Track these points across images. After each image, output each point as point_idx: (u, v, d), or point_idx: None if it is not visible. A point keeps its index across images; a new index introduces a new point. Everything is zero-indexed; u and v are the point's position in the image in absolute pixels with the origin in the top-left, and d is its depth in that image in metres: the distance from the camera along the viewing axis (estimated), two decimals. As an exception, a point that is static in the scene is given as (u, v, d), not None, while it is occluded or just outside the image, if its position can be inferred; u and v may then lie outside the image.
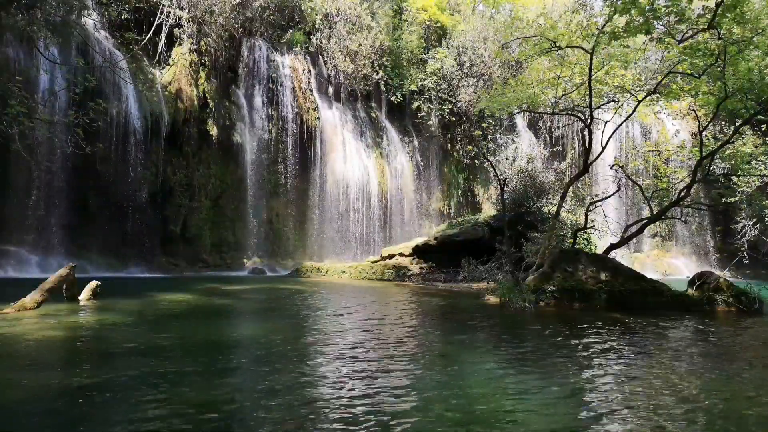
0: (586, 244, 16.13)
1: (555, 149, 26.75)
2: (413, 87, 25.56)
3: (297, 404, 3.86)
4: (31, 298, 7.99)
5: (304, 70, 23.26)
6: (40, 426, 3.42)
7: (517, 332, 7.67)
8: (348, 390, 4.21)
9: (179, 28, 20.10)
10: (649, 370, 5.11)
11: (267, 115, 21.92)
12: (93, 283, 9.41)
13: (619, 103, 13.64)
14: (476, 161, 25.91)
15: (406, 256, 17.84)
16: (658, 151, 25.16)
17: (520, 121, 27.88)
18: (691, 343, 6.87)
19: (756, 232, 19.90)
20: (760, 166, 17.30)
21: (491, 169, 15.13)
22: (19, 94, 12.44)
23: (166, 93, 19.33)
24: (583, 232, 14.28)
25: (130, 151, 17.97)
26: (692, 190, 13.40)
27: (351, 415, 3.60)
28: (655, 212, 13.29)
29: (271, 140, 21.85)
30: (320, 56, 24.20)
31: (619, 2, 10.16)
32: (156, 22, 19.32)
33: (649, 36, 11.76)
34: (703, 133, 12.88)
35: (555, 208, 13.54)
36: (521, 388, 4.40)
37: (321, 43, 24.04)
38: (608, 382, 4.73)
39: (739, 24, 10.04)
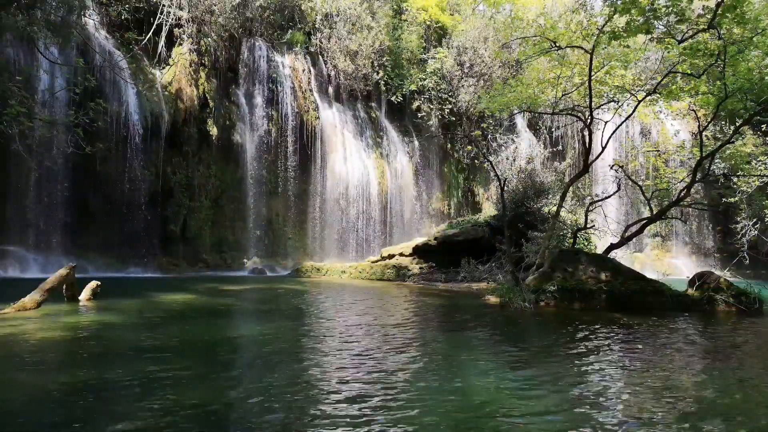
0: (586, 244, 16.13)
1: (555, 149, 26.74)
2: (413, 87, 25.53)
3: (297, 404, 3.86)
4: (31, 298, 7.99)
5: (304, 70, 23.25)
6: (40, 426, 3.42)
7: (517, 332, 7.68)
8: (348, 390, 4.21)
9: (179, 28, 20.08)
10: (649, 370, 5.11)
11: (267, 115, 21.91)
12: (93, 283, 9.41)
13: (619, 103, 13.63)
14: (476, 161, 25.88)
15: (406, 256, 17.84)
16: (658, 151, 25.16)
17: (520, 121, 27.87)
18: (692, 343, 6.87)
19: (756, 232, 19.89)
20: (760, 166, 17.30)
21: (491, 169, 15.13)
22: (19, 94, 12.44)
23: (166, 93, 19.32)
24: (583, 232, 14.28)
25: (130, 151, 17.96)
26: (692, 190, 13.40)
27: (351, 416, 3.60)
28: (655, 212, 13.29)
29: (271, 140, 21.83)
30: (320, 56, 24.19)
31: (619, 2, 10.17)
32: (156, 22, 19.31)
33: (649, 36, 11.76)
34: (703, 133, 12.88)
35: (555, 208, 13.54)
36: (521, 388, 4.40)
37: (321, 43, 24.03)
38: (608, 381, 4.73)
39: (739, 24, 10.03)
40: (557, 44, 12.00)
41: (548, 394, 4.25)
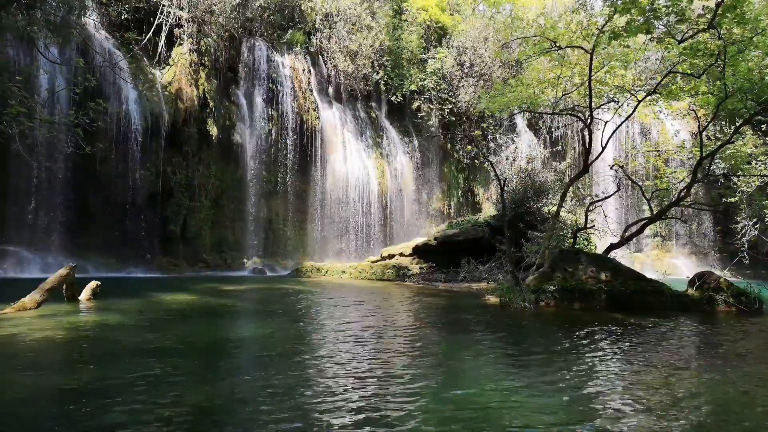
0: (586, 244, 16.13)
1: (555, 149, 26.76)
2: (413, 87, 25.54)
3: (297, 405, 3.86)
4: (31, 298, 7.99)
5: (304, 70, 23.25)
6: (40, 426, 3.42)
7: (517, 332, 7.67)
8: (348, 391, 4.21)
9: (179, 28, 20.09)
10: (648, 370, 5.11)
11: (267, 115, 21.92)
12: (93, 283, 9.41)
13: (619, 103, 13.63)
14: (476, 161, 25.91)
15: (406, 256, 17.84)
16: (658, 151, 25.16)
17: (520, 121, 27.88)
18: (691, 343, 6.87)
19: (756, 232, 19.88)
20: (760, 166, 17.30)
21: (491, 169, 15.13)
22: (19, 94, 12.43)
23: (166, 93, 19.32)
24: (583, 232, 14.27)
25: (130, 151, 17.97)
26: (692, 190, 13.39)
27: (351, 417, 3.60)
28: (655, 212, 13.29)
29: (271, 140, 21.85)
30: (320, 56, 24.20)
31: (619, 2, 10.16)
32: (156, 22, 19.32)
33: (650, 36, 11.75)
34: (703, 133, 12.87)
35: (555, 208, 13.54)
36: (521, 388, 4.40)
37: (321, 43, 24.04)
38: (608, 381, 4.73)
39: (739, 24, 10.03)
40: (557, 44, 11.99)
41: (549, 395, 4.24)
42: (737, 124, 12.11)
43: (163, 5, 19.40)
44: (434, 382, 4.55)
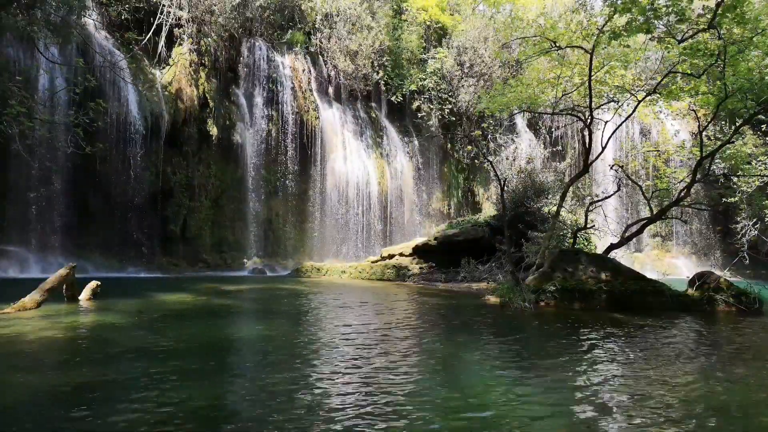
0: (586, 244, 16.13)
1: (555, 149, 26.75)
2: (413, 87, 25.53)
3: (296, 406, 3.86)
4: (31, 298, 7.99)
5: (304, 70, 23.25)
6: (40, 426, 3.42)
7: (517, 332, 7.67)
8: (348, 392, 4.21)
9: (179, 28, 20.09)
10: (649, 370, 5.11)
11: (267, 115, 21.92)
12: (93, 283, 9.41)
13: (619, 103, 13.63)
14: (476, 161, 25.89)
15: (406, 256, 17.84)
16: (658, 151, 25.17)
17: (520, 121, 27.86)
18: (691, 343, 6.87)
19: (756, 232, 19.89)
20: (760, 166, 17.31)
21: (491, 169, 15.12)
22: (19, 94, 12.44)
23: (166, 93, 19.32)
24: (583, 232, 14.27)
25: (130, 151, 17.97)
26: (692, 190, 13.39)
27: (351, 418, 3.60)
28: (655, 212, 13.29)
29: (271, 140, 21.84)
30: (320, 56, 24.19)
31: (619, 2, 10.16)
32: (156, 22, 19.31)
33: (650, 36, 11.76)
34: (703, 133, 12.88)
35: (555, 208, 13.53)
36: (521, 388, 4.40)
37: (321, 43, 24.03)
38: (608, 382, 4.73)
39: (739, 24, 10.03)
40: (557, 44, 11.99)
41: (548, 394, 4.25)
42: (737, 124, 12.11)
43: (163, 5, 19.40)
44: (436, 383, 4.55)
